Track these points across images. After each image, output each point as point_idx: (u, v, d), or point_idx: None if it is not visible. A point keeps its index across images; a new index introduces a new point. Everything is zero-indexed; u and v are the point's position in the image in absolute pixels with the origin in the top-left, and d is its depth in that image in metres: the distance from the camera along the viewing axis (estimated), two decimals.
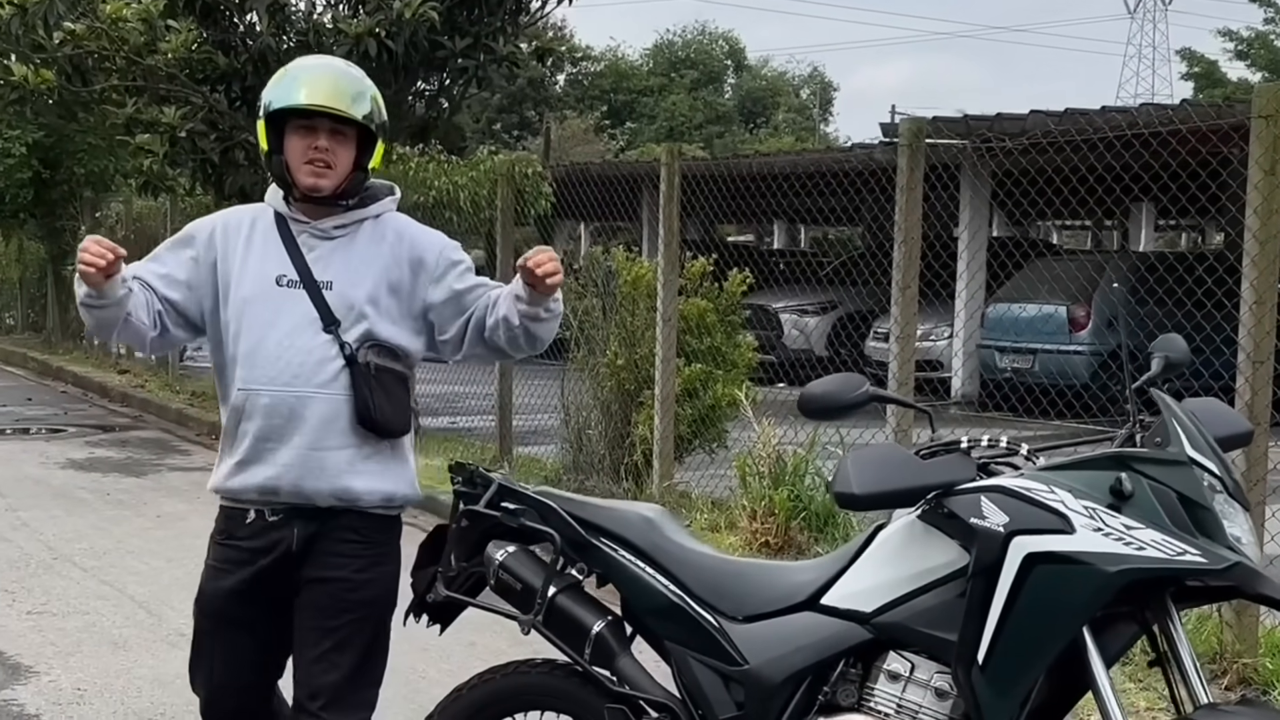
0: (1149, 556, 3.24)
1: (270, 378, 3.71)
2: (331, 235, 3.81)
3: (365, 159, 3.79)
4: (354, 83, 3.79)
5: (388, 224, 3.88)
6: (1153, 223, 27.37)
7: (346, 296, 3.75)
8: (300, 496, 3.73)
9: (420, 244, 3.87)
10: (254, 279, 3.76)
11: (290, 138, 3.73)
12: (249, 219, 3.87)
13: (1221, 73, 48.03)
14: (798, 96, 69.34)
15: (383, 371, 3.74)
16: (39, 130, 20.59)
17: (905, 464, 3.44)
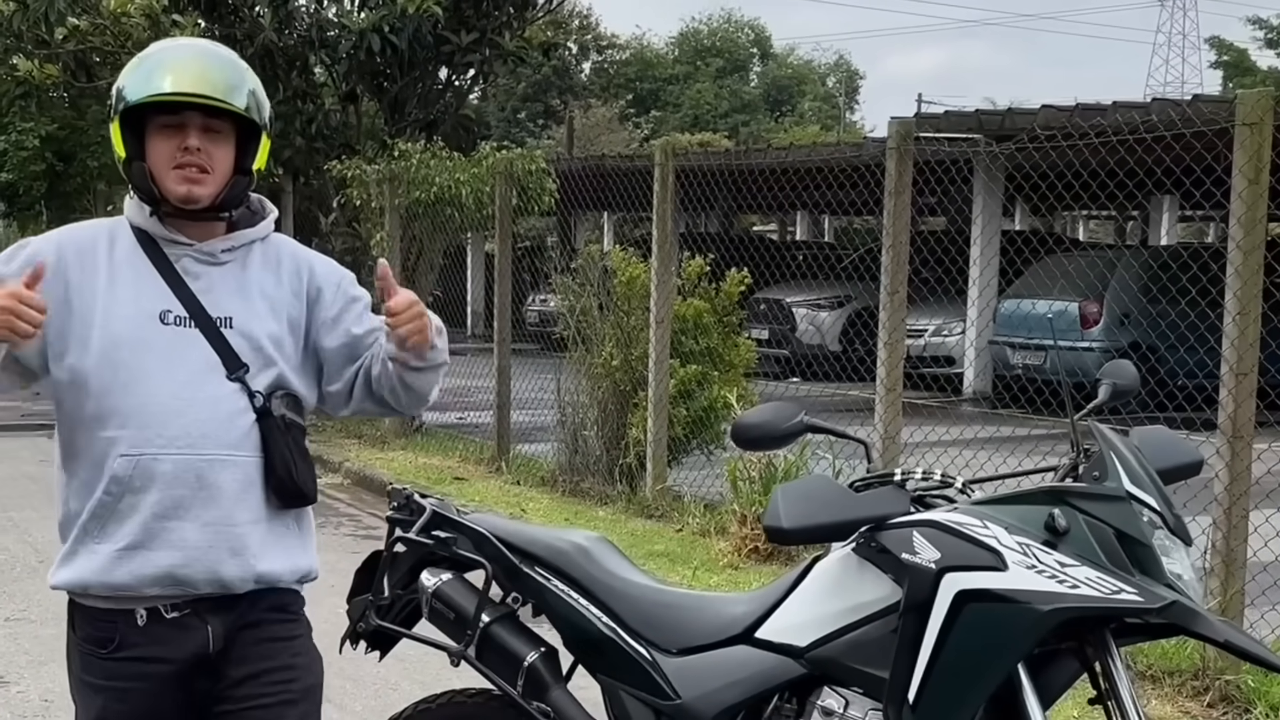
0: (1083, 595, 3.15)
1: (170, 439, 2.96)
2: (219, 260, 3.09)
3: (248, 160, 3.09)
4: (228, 67, 3.08)
5: (279, 247, 3.22)
6: (1175, 215, 27.16)
7: (251, 336, 3.07)
8: (216, 585, 3.02)
9: (318, 274, 3.22)
10: (127, 317, 2.99)
11: (154, 139, 3.01)
12: (105, 239, 3.08)
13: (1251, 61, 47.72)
14: (824, 85, 69.12)
15: (294, 427, 3.10)
16: (52, 123, 20.62)
17: (836, 498, 3.36)
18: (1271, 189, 6.15)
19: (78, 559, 3.01)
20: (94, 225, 3.17)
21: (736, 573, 8.15)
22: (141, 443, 2.96)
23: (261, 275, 3.14)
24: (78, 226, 3.19)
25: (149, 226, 3.07)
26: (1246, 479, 6.03)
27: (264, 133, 3.13)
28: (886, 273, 7.69)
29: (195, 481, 2.98)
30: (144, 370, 2.97)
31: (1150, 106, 13.32)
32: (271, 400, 3.07)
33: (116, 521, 2.98)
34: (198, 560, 2.99)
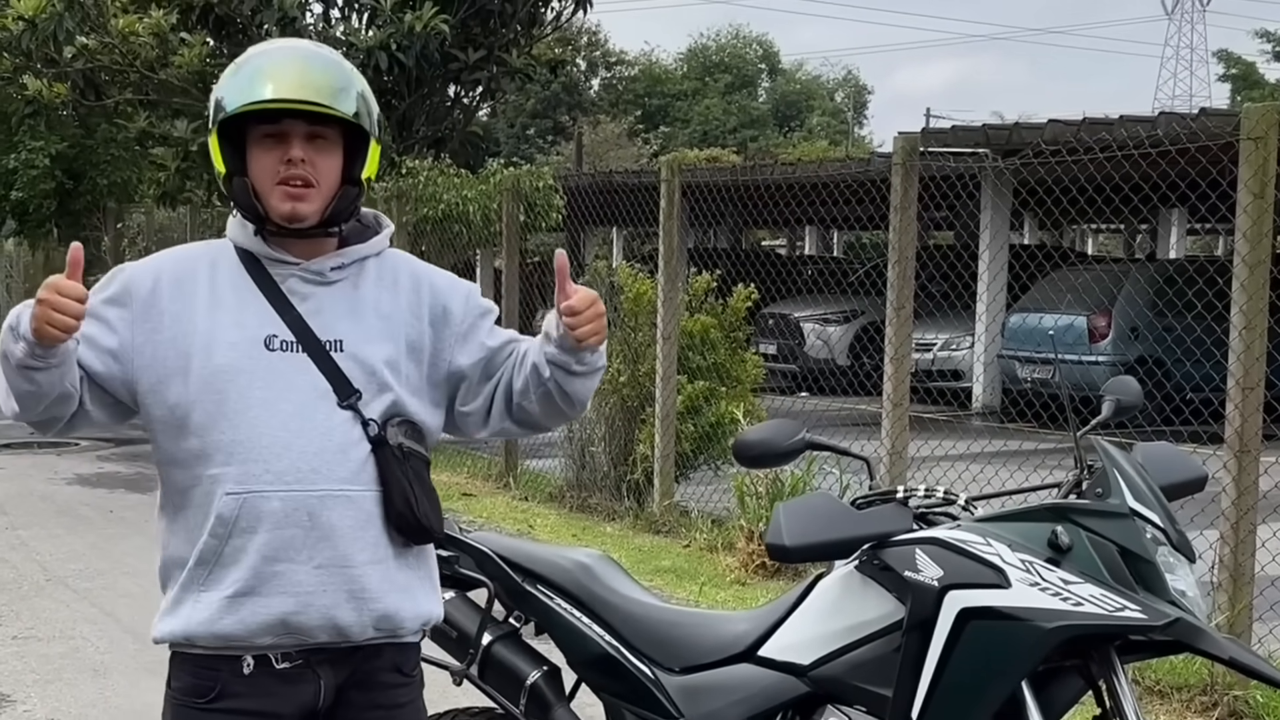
0: (1087, 612, 3.14)
1: (278, 474, 2.71)
2: (329, 279, 2.83)
3: (356, 168, 2.84)
4: (333, 69, 2.82)
5: (395, 263, 2.96)
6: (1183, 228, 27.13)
7: (364, 359, 2.81)
8: (333, 632, 2.77)
9: (441, 290, 2.95)
10: (229, 343, 2.75)
11: (255, 152, 2.77)
12: (205, 263, 2.85)
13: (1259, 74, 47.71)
14: (832, 100, 69.16)
15: (413, 456, 2.83)
16: (62, 141, 20.70)
17: (838, 515, 3.35)
18: (1277, 201, 6.14)
19: (182, 609, 2.75)
20: (194, 249, 2.95)
21: (744, 588, 8.14)
22: (248, 479, 2.71)
23: (376, 294, 2.88)
24: (177, 251, 2.95)
25: (253, 246, 2.83)
26: (1254, 493, 6.01)
27: (373, 139, 2.86)
28: (893, 288, 7.69)
29: (307, 520, 2.73)
30: (249, 401, 2.73)
31: (1157, 121, 13.32)
32: (387, 428, 2.81)
33: (223, 566, 2.73)
34: (312, 605, 2.74)
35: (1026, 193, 12.51)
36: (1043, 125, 14.79)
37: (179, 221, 18.90)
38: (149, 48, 13.36)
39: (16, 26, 13.11)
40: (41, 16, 12.98)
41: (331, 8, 14.72)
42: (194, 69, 13.49)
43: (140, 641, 7.24)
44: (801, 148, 48.50)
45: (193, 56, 13.35)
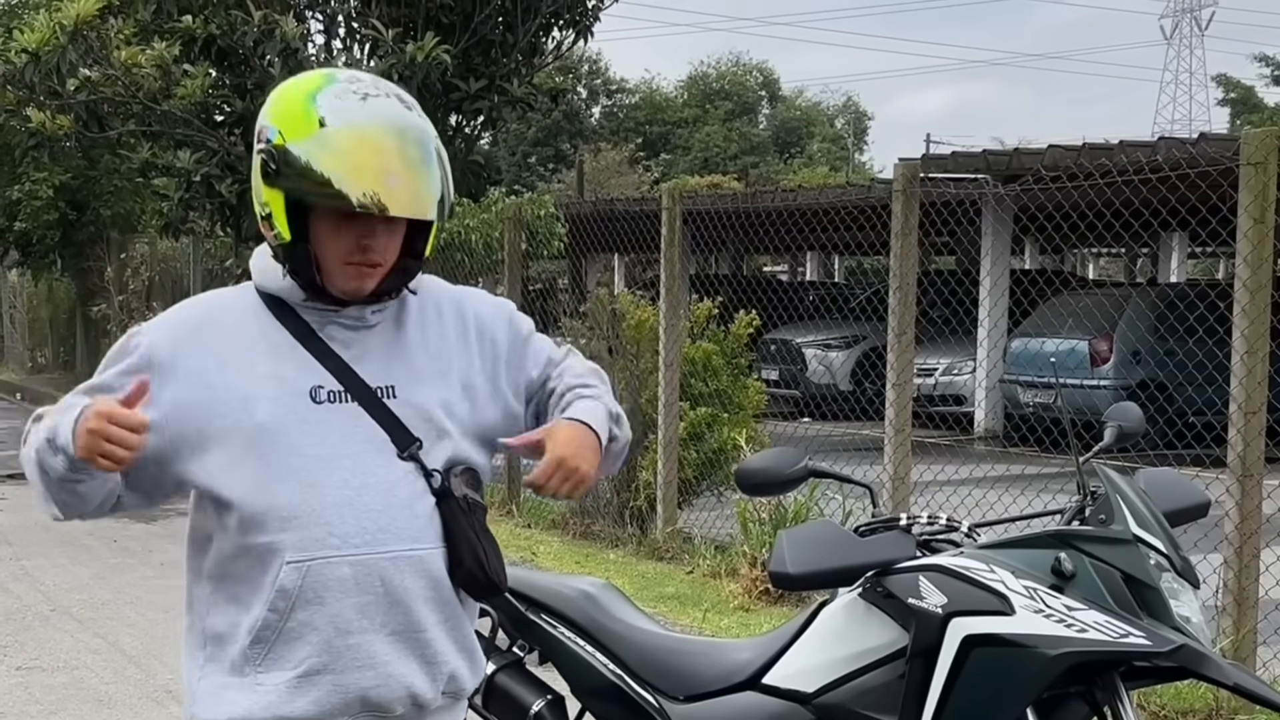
0: (1091, 639, 3.15)
1: (344, 536, 2.48)
2: (369, 322, 2.61)
3: (420, 244, 2.61)
4: (435, 169, 2.53)
5: (433, 294, 2.74)
6: (1184, 252, 27.15)
7: (419, 404, 2.59)
8: (410, 703, 2.59)
9: (484, 316, 2.76)
10: (271, 398, 2.51)
11: (325, 225, 2.50)
12: (234, 313, 2.62)
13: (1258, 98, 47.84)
14: (832, 126, 69.31)
15: (476, 507, 2.61)
16: (65, 173, 20.76)
17: (841, 542, 3.37)
18: (1278, 226, 6.16)
19: (237, 693, 2.52)
20: (212, 299, 2.71)
21: (747, 615, 8.13)
22: (310, 545, 2.47)
23: (421, 331, 2.67)
24: (192, 304, 2.70)
25: (287, 293, 2.59)
26: (1257, 517, 6.01)
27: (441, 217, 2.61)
28: (894, 314, 7.70)
29: (380, 585, 2.50)
30: (302, 459, 2.49)
31: (1157, 146, 13.36)
32: (451, 478, 2.57)
33: (286, 643, 2.49)
34: (392, 677, 2.54)
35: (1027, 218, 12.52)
36: (1043, 150, 14.83)
37: (182, 252, 18.95)
38: (152, 79, 13.39)
39: (20, 59, 13.15)
40: (45, 49, 13.02)
41: (334, 38, 14.77)
42: (196, 100, 13.52)
43: (144, 671, 7.24)
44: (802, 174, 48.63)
45: (195, 88, 13.38)
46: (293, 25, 13.19)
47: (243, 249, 15.91)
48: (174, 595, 8.65)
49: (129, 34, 13.60)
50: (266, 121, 2.53)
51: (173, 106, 13.50)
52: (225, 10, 13.52)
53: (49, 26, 13.14)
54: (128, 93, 13.48)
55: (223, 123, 14.36)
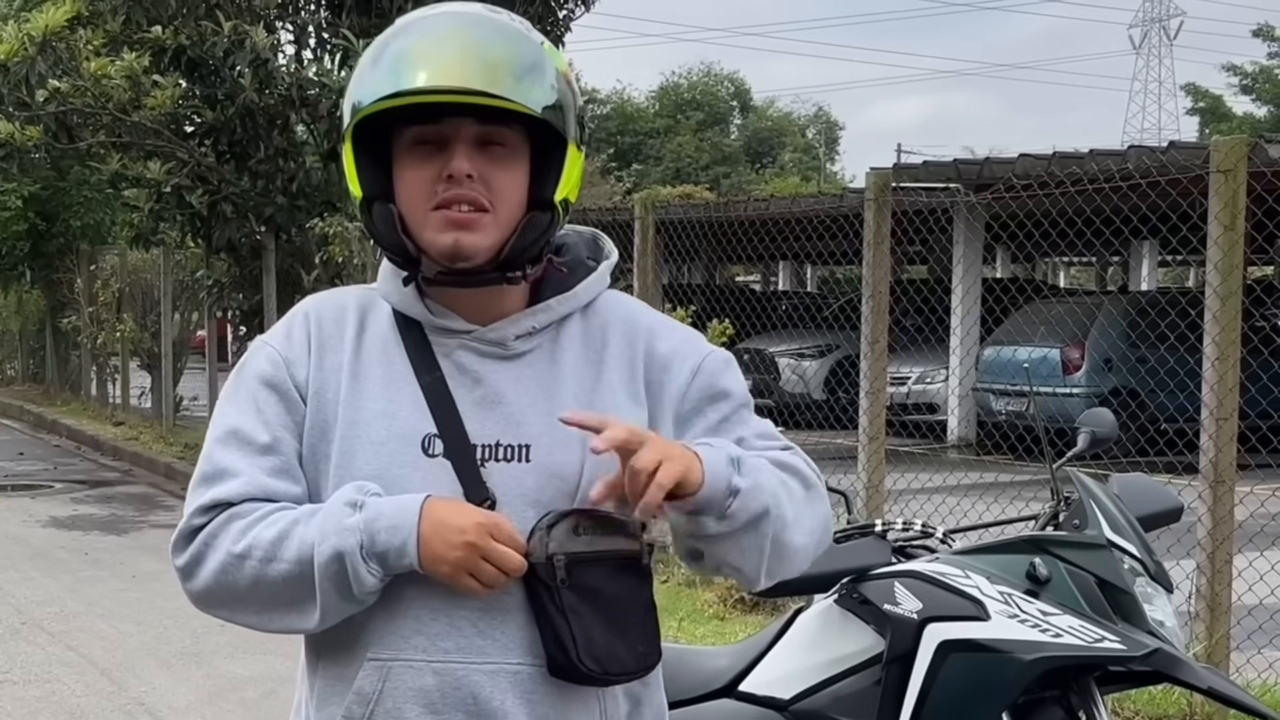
0: (1065, 644, 3.16)
1: (433, 637, 1.97)
2: (512, 350, 2.03)
3: (549, 186, 1.99)
4: (514, 41, 1.97)
5: (605, 314, 2.10)
6: (1155, 260, 27.30)
7: (561, 472, 1.98)
8: None
9: (660, 353, 2.07)
10: (375, 444, 1.98)
11: (404, 166, 1.97)
12: (354, 317, 2.09)
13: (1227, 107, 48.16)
14: (804, 136, 69.51)
15: (576, 565, 1.93)
16: (34, 184, 20.66)
17: None
18: (1247, 234, 6.20)
19: None
20: (346, 295, 2.15)
21: (722, 623, 8.13)
22: (394, 643, 1.97)
23: (579, 369, 2.05)
24: (328, 297, 2.16)
25: (406, 306, 2.05)
26: (1230, 523, 6.04)
27: (572, 142, 2.00)
28: (867, 322, 7.72)
29: (471, 703, 1.97)
30: None
31: (1127, 154, 13.42)
32: (536, 538, 1.94)
33: None
34: None
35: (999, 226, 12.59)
36: (1014, 160, 14.89)
37: (152, 263, 18.86)
38: (121, 90, 13.34)
39: None
40: (14, 60, 12.97)
41: (304, 49, 14.75)
42: (166, 111, 13.49)
43: (116, 684, 7.20)
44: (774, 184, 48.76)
45: (165, 99, 13.34)
46: (263, 36, 13.17)
47: (213, 260, 15.86)
48: (145, 608, 8.65)
49: (98, 45, 13.56)
50: None
51: (143, 117, 13.47)
52: (195, 21, 13.50)
53: (17, 37, 13.09)
54: (97, 104, 13.43)
55: (193, 133, 14.33)
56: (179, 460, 15.67)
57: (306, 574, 1.92)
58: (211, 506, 1.98)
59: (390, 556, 1.89)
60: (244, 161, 14.10)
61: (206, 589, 1.99)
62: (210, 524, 1.98)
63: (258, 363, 2.06)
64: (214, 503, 1.98)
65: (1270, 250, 20.27)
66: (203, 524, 1.99)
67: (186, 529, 2.00)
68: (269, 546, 1.94)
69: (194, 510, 2.00)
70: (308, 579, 1.92)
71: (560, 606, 1.92)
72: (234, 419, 2.03)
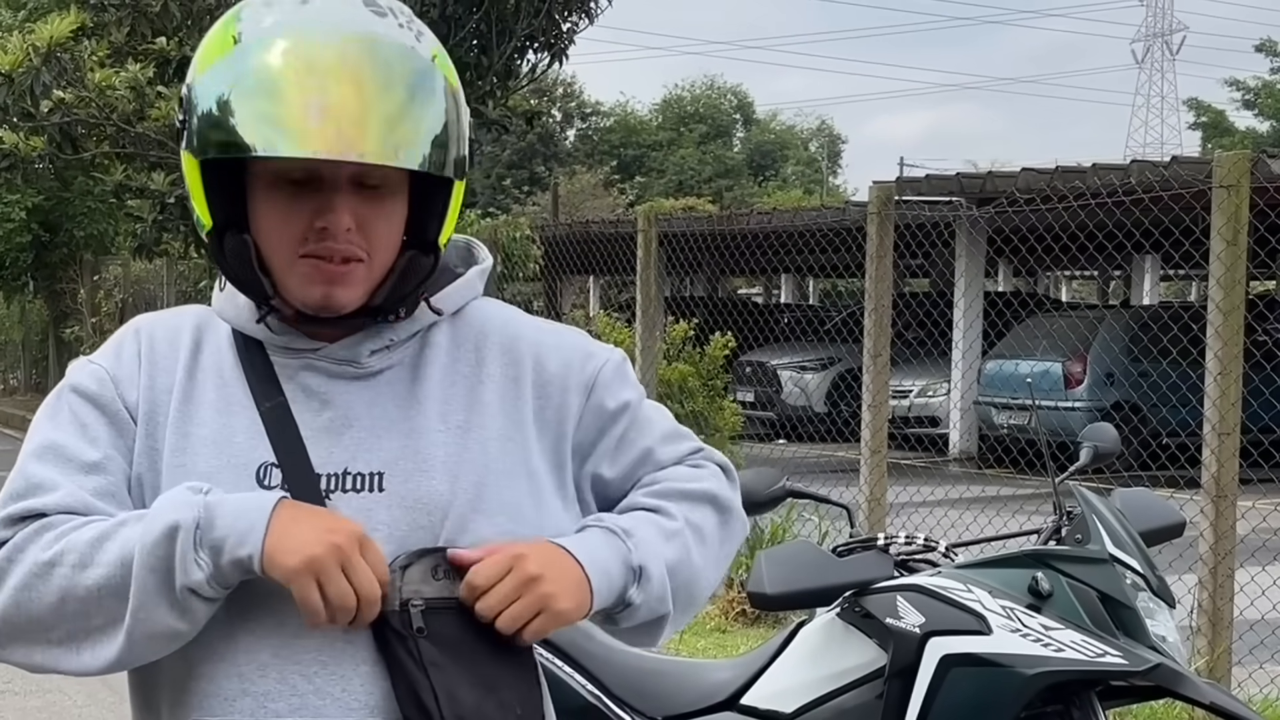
0: (1068, 658, 3.16)
1: (262, 698, 1.68)
2: (366, 367, 1.77)
3: (431, 225, 1.75)
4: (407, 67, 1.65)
5: (479, 324, 1.84)
6: (1156, 274, 27.31)
7: (419, 502, 1.71)
8: None
9: (551, 372, 1.83)
10: (203, 471, 1.70)
11: (266, 201, 1.69)
12: (189, 337, 1.81)
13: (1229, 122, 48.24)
14: (806, 149, 69.60)
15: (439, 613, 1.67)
16: (38, 194, 20.70)
17: (819, 563, 3.37)
18: (1250, 249, 6.20)
19: None
20: (181, 315, 1.87)
21: (724, 636, 8.13)
22: (217, 706, 1.68)
23: (448, 385, 1.78)
24: (158, 317, 1.88)
25: (246, 326, 1.79)
26: (1231, 538, 6.04)
27: (458, 175, 1.73)
28: (869, 336, 7.73)
29: None
30: None
31: (1129, 169, 13.44)
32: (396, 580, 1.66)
33: None
34: None
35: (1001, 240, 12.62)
36: (1016, 174, 14.91)
37: (155, 274, 18.90)
38: (126, 101, 13.36)
39: None
40: (18, 71, 12.99)
41: None
42: (171, 122, 13.52)
43: (118, 694, 7.18)
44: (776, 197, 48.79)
45: (169, 110, 13.36)
46: None
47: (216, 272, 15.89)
48: None
49: (103, 56, 13.58)
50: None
51: (147, 128, 13.48)
52: (199, 32, 13.52)
53: (22, 48, 13.11)
54: (101, 114, 13.45)
55: None
56: None
57: (125, 578, 1.58)
58: (21, 518, 1.66)
59: (227, 545, 1.56)
60: None
61: (3, 615, 1.64)
62: (16, 537, 1.65)
63: (82, 379, 1.77)
64: (26, 513, 1.66)
65: (1272, 265, 20.30)
66: (7, 538, 1.65)
67: None
68: (85, 549, 1.61)
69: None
70: (124, 585, 1.58)
71: (418, 659, 1.65)
72: (54, 435, 1.73)
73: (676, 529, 1.81)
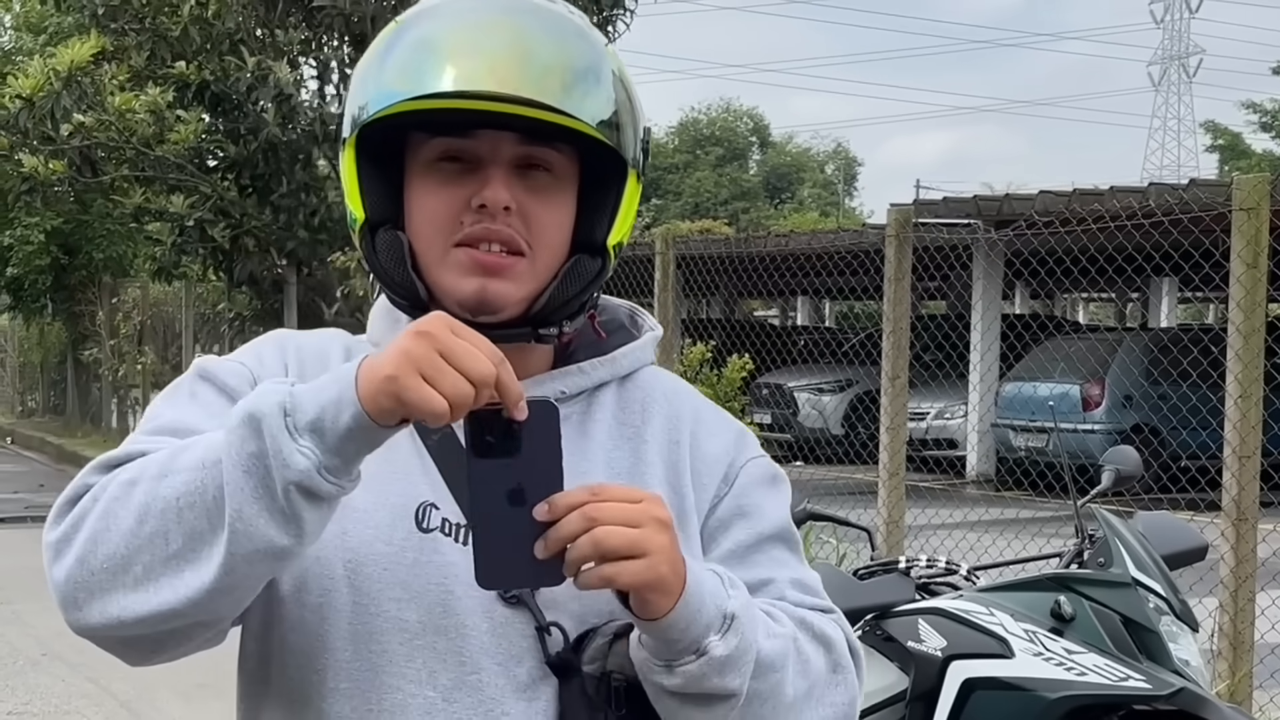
0: (1090, 682, 3.16)
1: None
2: None
3: (600, 224, 1.59)
4: (572, 39, 1.54)
5: (647, 392, 1.67)
6: (1174, 297, 27.25)
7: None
8: None
9: (703, 445, 1.64)
10: (361, 508, 1.50)
11: (420, 187, 1.55)
12: (338, 359, 1.64)
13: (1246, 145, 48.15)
14: (822, 172, 69.67)
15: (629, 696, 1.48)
16: (57, 218, 20.82)
17: (841, 585, 3.37)
18: (1270, 271, 6.19)
19: None
20: (329, 338, 1.70)
21: None
22: None
23: (614, 445, 1.62)
24: (309, 336, 1.70)
25: None
26: (1253, 561, 6.01)
27: (633, 170, 1.58)
28: (887, 358, 7.72)
29: None
30: (381, 615, 1.50)
31: (1148, 191, 13.41)
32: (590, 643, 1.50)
33: None
34: None
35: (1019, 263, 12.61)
36: (1034, 196, 14.88)
37: (174, 296, 18.97)
38: (145, 124, 13.46)
39: (14, 105, 13.23)
40: (39, 95, 13.10)
41: (327, 84, 14.85)
42: (190, 145, 13.61)
43: (136, 715, 7.20)
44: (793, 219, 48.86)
45: (188, 133, 13.46)
46: (286, 72, 13.28)
47: (235, 293, 15.96)
48: None
49: (123, 80, 13.69)
50: None
51: (166, 151, 13.58)
52: (219, 57, 13.62)
53: (43, 72, 13.23)
54: (121, 138, 13.55)
55: (215, 168, 14.46)
56: None
57: (210, 482, 1.33)
58: (114, 465, 1.45)
59: (326, 418, 1.31)
60: (266, 196, 14.20)
61: (79, 559, 1.42)
62: (105, 477, 1.43)
63: (214, 368, 1.59)
64: (125, 458, 1.45)
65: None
66: (93, 482, 1.44)
67: (71, 492, 1.47)
68: (165, 459, 1.39)
69: (88, 469, 1.47)
70: (210, 491, 1.33)
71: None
72: (171, 413, 1.54)
73: (783, 634, 1.50)
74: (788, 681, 1.49)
